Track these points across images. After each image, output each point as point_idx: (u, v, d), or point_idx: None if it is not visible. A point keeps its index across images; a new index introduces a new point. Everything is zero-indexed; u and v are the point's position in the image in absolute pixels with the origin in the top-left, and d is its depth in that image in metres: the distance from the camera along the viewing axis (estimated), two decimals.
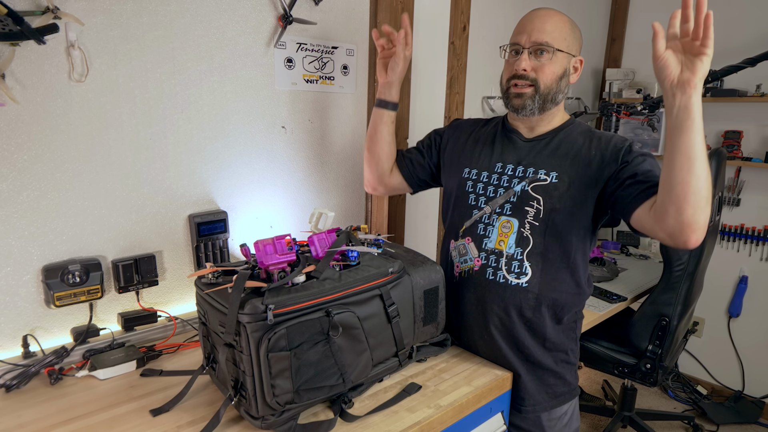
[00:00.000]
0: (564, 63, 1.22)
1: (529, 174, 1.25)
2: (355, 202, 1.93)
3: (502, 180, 1.28)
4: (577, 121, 1.32)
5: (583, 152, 1.23)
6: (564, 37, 1.21)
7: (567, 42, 1.21)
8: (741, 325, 2.83)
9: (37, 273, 1.26)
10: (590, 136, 1.26)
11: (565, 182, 1.22)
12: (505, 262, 1.26)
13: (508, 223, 1.26)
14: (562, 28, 1.21)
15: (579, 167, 1.22)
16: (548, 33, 1.19)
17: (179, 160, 1.45)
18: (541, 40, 1.19)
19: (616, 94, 2.96)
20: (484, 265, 1.29)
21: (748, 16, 2.62)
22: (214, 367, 1.10)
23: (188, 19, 1.39)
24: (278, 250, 1.03)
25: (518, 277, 1.25)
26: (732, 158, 2.64)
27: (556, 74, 1.21)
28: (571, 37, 1.22)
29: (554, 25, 1.20)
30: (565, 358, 1.31)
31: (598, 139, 1.24)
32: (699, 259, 1.96)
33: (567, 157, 1.24)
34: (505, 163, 1.30)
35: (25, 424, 1.02)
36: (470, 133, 1.43)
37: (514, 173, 1.28)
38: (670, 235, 1.04)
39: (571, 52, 1.23)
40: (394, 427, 1.04)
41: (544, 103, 1.23)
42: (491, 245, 1.28)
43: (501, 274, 1.27)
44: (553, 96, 1.23)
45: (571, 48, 1.23)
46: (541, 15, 1.22)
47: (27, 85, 1.18)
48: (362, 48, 1.81)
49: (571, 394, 1.34)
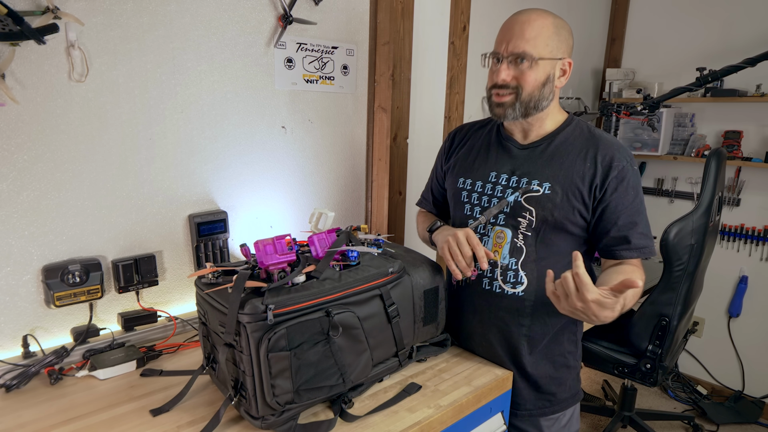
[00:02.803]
0: (547, 69, 1.17)
1: (522, 184, 1.23)
2: (355, 202, 1.93)
3: (496, 190, 1.27)
4: (576, 121, 1.28)
5: (578, 163, 1.19)
6: (546, 43, 1.14)
7: (550, 47, 1.15)
8: (741, 325, 2.83)
9: (37, 273, 1.26)
10: (588, 143, 1.21)
11: (558, 193, 1.19)
12: (501, 272, 1.26)
13: (502, 234, 1.25)
14: (544, 33, 1.14)
15: (572, 179, 1.19)
16: (528, 41, 1.13)
17: (179, 160, 1.45)
18: (519, 50, 1.14)
19: (616, 94, 2.96)
20: (481, 275, 1.29)
21: (748, 16, 2.62)
22: (214, 367, 1.10)
23: (188, 19, 1.39)
24: (278, 250, 1.03)
25: (514, 287, 1.25)
26: (732, 158, 2.64)
27: (538, 81, 1.16)
28: (555, 40, 1.16)
29: (536, 30, 1.14)
30: (565, 362, 1.30)
31: (596, 147, 1.19)
32: (699, 259, 1.95)
33: (562, 167, 1.21)
34: (500, 173, 1.27)
35: (25, 424, 1.02)
36: (466, 140, 1.40)
37: (508, 183, 1.25)
38: None
39: (556, 57, 1.16)
40: (394, 427, 1.04)
41: (526, 110, 1.19)
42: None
43: (497, 284, 1.26)
44: (536, 103, 1.18)
45: (555, 52, 1.16)
46: (521, 21, 1.16)
47: (27, 85, 1.18)
48: (362, 48, 1.81)
49: (573, 399, 1.33)
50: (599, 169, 1.18)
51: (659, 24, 2.92)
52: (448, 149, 1.44)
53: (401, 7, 1.82)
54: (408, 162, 2.01)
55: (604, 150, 1.19)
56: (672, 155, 2.83)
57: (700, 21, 2.77)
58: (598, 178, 1.17)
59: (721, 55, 2.67)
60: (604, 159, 1.18)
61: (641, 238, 1.18)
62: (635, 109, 2.58)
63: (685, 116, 2.85)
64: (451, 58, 2.10)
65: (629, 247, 1.18)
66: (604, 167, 1.17)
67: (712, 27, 2.74)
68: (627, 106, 2.63)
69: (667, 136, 2.85)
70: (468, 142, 1.39)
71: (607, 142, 1.21)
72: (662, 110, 2.70)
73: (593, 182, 1.18)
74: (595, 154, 1.19)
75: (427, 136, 2.11)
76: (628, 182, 1.17)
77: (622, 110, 2.63)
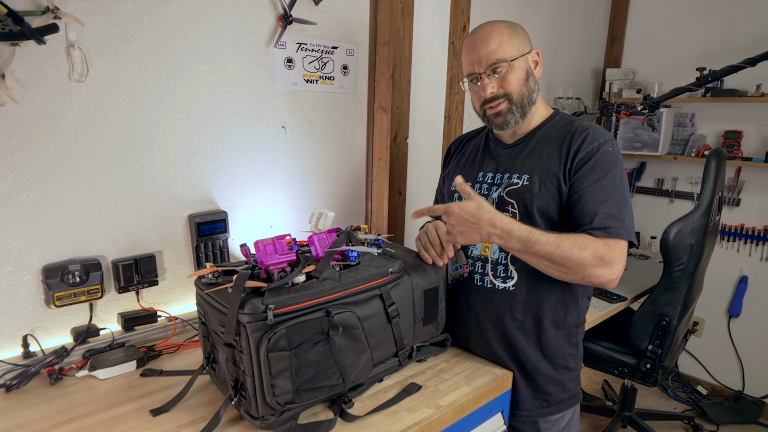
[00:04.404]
0: (523, 65, 1.21)
1: (504, 180, 1.26)
2: (355, 202, 1.93)
3: (482, 189, 1.30)
4: (561, 114, 1.30)
5: (555, 151, 1.21)
6: (511, 44, 1.20)
7: (516, 46, 1.20)
8: (741, 325, 2.83)
9: (37, 273, 1.26)
10: (567, 131, 1.22)
11: (536, 183, 1.20)
12: (491, 267, 1.27)
13: None
14: (504, 38, 1.19)
15: (549, 166, 1.20)
16: (495, 50, 1.18)
17: (179, 160, 1.45)
18: (492, 60, 1.18)
19: (616, 94, 2.96)
20: (472, 271, 1.31)
21: (748, 16, 2.62)
22: (214, 367, 1.10)
23: (188, 19, 1.39)
24: (278, 250, 1.03)
25: (504, 281, 1.26)
26: (732, 158, 2.64)
27: (521, 79, 1.21)
28: (516, 39, 1.21)
29: (496, 39, 1.19)
30: (565, 364, 1.30)
31: (572, 134, 1.21)
32: (699, 259, 1.95)
33: (540, 158, 1.23)
34: (486, 172, 1.31)
35: (25, 424, 1.02)
36: (461, 149, 1.46)
37: (493, 181, 1.29)
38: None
39: (523, 52, 1.21)
40: (394, 427, 1.04)
41: (523, 109, 1.23)
42: (477, 251, 1.30)
43: (488, 279, 1.28)
44: (528, 98, 1.23)
45: (521, 49, 1.21)
46: (480, 37, 1.21)
47: (27, 85, 1.18)
48: (362, 48, 1.81)
49: (572, 401, 1.32)
50: (571, 152, 1.18)
51: (659, 24, 2.92)
52: (446, 159, 1.51)
53: (401, 7, 1.82)
54: (408, 162, 2.01)
55: (578, 135, 1.20)
56: (672, 155, 2.84)
57: (700, 21, 2.77)
58: (569, 162, 1.18)
59: (721, 55, 2.67)
60: (576, 142, 1.19)
61: (606, 218, 1.12)
62: (635, 109, 2.58)
63: (685, 116, 2.85)
64: (451, 58, 2.10)
65: (591, 226, 1.12)
66: (575, 150, 1.18)
67: (712, 27, 2.74)
68: (627, 106, 2.63)
69: (667, 136, 2.85)
70: (462, 150, 1.45)
71: (582, 126, 1.22)
72: (662, 110, 2.70)
73: (566, 166, 1.18)
74: (570, 140, 1.20)
75: (427, 136, 2.12)
76: (596, 161, 1.15)
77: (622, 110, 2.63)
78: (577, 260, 1.09)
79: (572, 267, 1.10)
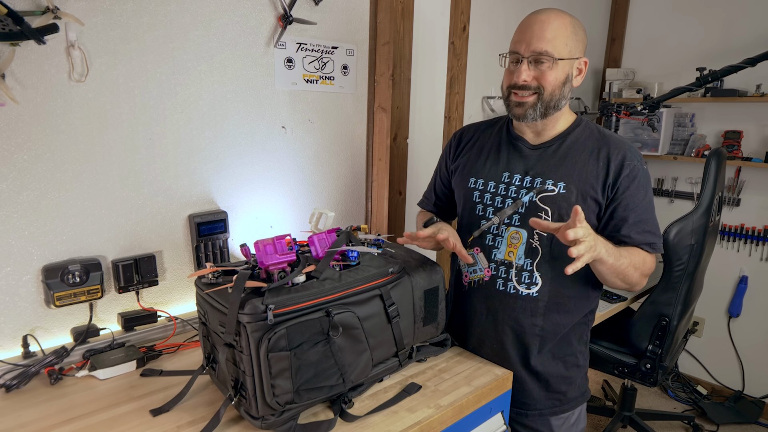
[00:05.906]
0: (566, 69, 1.17)
1: (536, 184, 1.23)
2: (355, 202, 1.93)
3: (510, 190, 1.26)
4: (585, 121, 1.28)
5: (591, 163, 1.20)
6: (565, 43, 1.15)
7: (569, 47, 1.16)
8: (741, 325, 2.82)
9: (37, 273, 1.26)
10: (599, 143, 1.22)
11: (573, 192, 1.19)
12: (515, 273, 1.25)
13: (517, 234, 1.25)
14: (563, 33, 1.14)
15: (586, 178, 1.20)
16: (548, 41, 1.13)
17: (179, 160, 1.44)
18: (540, 50, 1.13)
19: (616, 94, 2.96)
20: (494, 275, 1.28)
21: (748, 16, 2.62)
22: (214, 367, 1.10)
23: (188, 19, 1.39)
24: (278, 250, 1.03)
25: (529, 288, 1.25)
26: (732, 158, 2.64)
27: (558, 81, 1.17)
28: (573, 40, 1.16)
29: (555, 31, 1.14)
30: (575, 362, 1.31)
31: (607, 147, 1.21)
32: (699, 259, 1.95)
33: (575, 167, 1.21)
34: (512, 173, 1.27)
35: (25, 424, 1.02)
36: (475, 140, 1.39)
37: (522, 183, 1.25)
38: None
39: (574, 56, 1.17)
40: (394, 427, 1.04)
41: (546, 110, 1.19)
42: (500, 256, 1.27)
43: (512, 285, 1.26)
44: (556, 102, 1.19)
45: (573, 52, 1.17)
46: (541, 20, 1.15)
47: (27, 85, 1.18)
48: (362, 48, 1.81)
49: (582, 398, 1.34)
50: (612, 168, 1.19)
51: (659, 24, 2.92)
52: (455, 149, 1.43)
53: (401, 7, 1.82)
54: (408, 162, 2.01)
55: (615, 149, 1.21)
56: (672, 155, 2.83)
57: (700, 21, 2.77)
58: (610, 177, 1.19)
59: (721, 55, 2.67)
60: (616, 158, 1.19)
61: (649, 236, 1.21)
62: (635, 109, 2.57)
63: (685, 116, 2.85)
64: (451, 58, 2.10)
65: (640, 242, 1.21)
66: (617, 166, 1.19)
67: (712, 27, 2.74)
68: (627, 106, 2.63)
69: (667, 136, 2.85)
70: (477, 142, 1.38)
71: (618, 141, 1.23)
72: (662, 110, 2.70)
73: (606, 181, 1.19)
74: (607, 154, 1.20)
75: (427, 136, 2.12)
76: (639, 181, 1.19)
77: (622, 110, 2.63)
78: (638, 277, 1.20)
79: (630, 281, 1.20)
